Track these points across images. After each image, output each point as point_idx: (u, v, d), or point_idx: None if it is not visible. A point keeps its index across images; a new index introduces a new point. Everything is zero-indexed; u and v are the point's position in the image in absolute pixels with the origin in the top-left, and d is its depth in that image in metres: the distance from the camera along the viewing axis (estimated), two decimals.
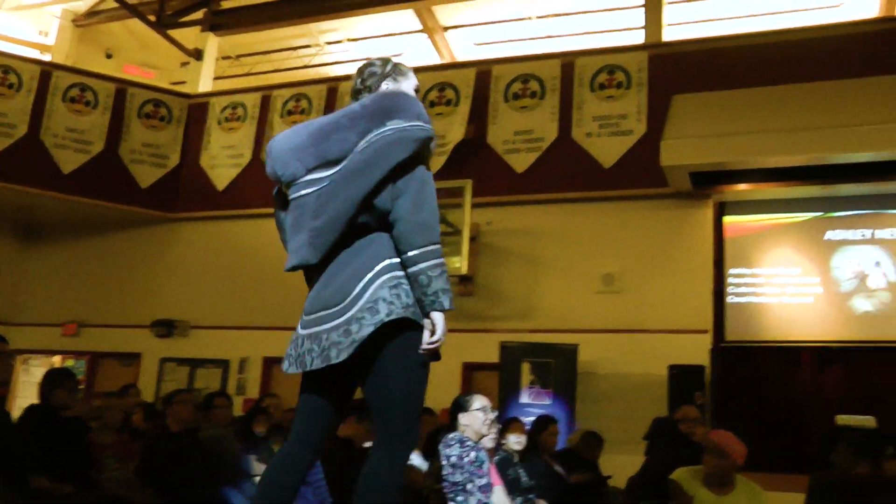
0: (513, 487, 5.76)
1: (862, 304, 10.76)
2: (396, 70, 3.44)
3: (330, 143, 3.13)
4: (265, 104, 13.67)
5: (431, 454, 6.14)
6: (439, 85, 12.42)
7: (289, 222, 3.24)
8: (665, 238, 11.13)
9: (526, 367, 10.21)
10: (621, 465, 7.70)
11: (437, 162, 11.89)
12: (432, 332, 3.02)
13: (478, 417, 5.06)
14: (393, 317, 2.97)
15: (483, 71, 12.32)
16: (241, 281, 12.92)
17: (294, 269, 3.27)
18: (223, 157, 13.61)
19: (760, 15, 13.06)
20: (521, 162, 11.63)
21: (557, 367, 10.19)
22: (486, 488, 4.73)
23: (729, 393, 10.50)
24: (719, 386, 10.45)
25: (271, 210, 11.95)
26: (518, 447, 6.49)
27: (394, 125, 3.08)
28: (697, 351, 10.50)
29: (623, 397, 10.41)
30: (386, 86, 3.36)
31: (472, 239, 11.11)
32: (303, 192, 3.16)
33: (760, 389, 10.79)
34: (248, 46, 15.91)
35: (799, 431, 10.24)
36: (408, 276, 3.03)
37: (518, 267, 11.50)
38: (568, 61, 12.03)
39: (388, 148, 3.03)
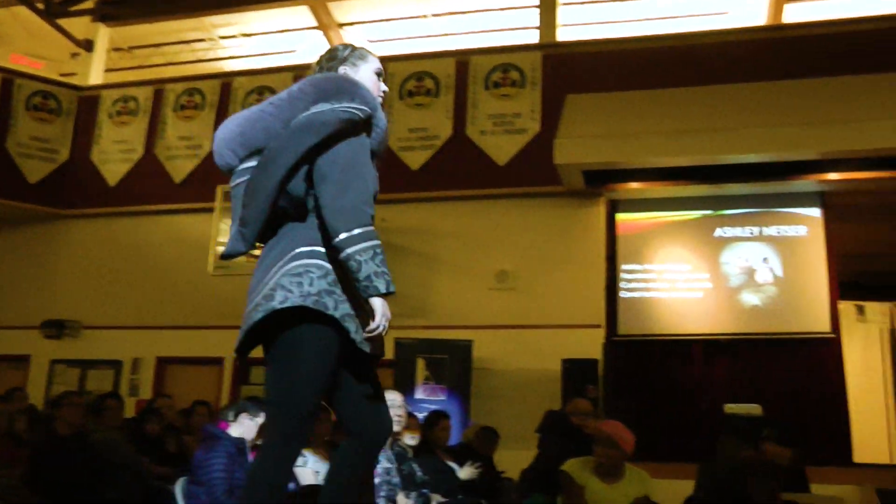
0: (407, 482, 5.79)
1: (750, 299, 11.07)
2: (356, 54, 3.37)
3: (256, 132, 3.10)
4: (158, 98, 13.43)
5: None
6: None
7: (232, 213, 3.20)
8: (558, 235, 11.28)
9: (421, 364, 10.25)
10: (517, 459, 7.77)
11: None
12: (373, 320, 2.93)
13: None
14: (287, 304, 2.88)
15: None
16: (133, 279, 12.68)
17: (226, 257, 3.23)
18: (115, 152, 13.33)
19: (652, 19, 13.32)
20: (415, 159, 11.67)
21: (452, 363, 10.25)
22: (378, 488, 4.71)
23: (621, 385, 10.69)
24: (612, 379, 10.64)
25: (164, 206, 11.77)
26: (412, 442, 6.51)
27: (317, 108, 3.03)
28: (590, 345, 10.66)
29: (517, 392, 10.52)
30: (343, 70, 3.29)
31: None
32: (237, 181, 3.15)
33: (652, 381, 11.04)
34: (141, 38, 15.58)
35: (689, 421, 10.51)
36: (341, 264, 2.94)
37: (413, 264, 11.51)
38: (463, 60, 12.12)
39: (297, 134, 2.97)
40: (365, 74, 3.31)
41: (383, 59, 11.35)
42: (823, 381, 10.72)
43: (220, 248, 11.35)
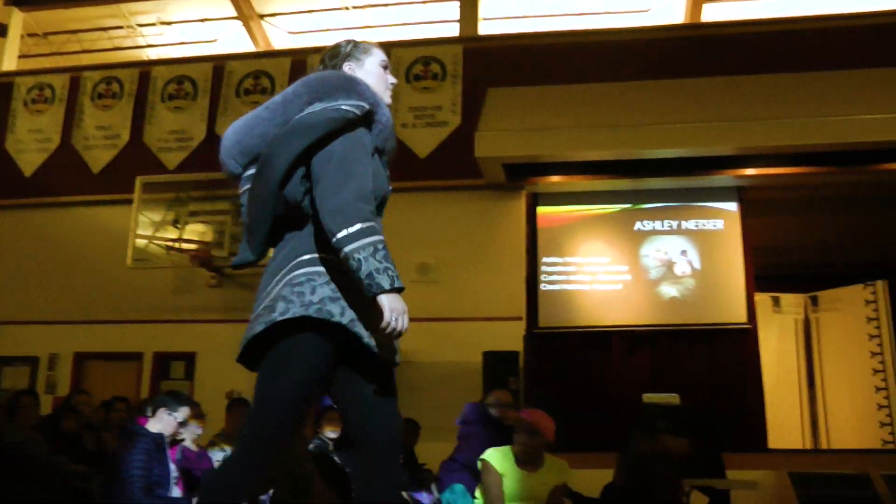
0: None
1: (668, 291, 11.26)
2: (359, 48, 3.27)
3: (252, 139, 3.03)
4: (74, 86, 13.15)
5: None
6: (254, 73, 12.29)
7: (242, 221, 3.13)
8: (479, 228, 11.32)
9: None
10: (439, 451, 7.81)
11: None
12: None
13: None
14: (288, 316, 2.81)
15: (298, 60, 12.18)
16: (50, 273, 12.38)
17: (235, 267, 3.16)
18: (30, 141, 13.02)
19: (574, 14, 13.41)
20: None
21: None
22: None
23: (542, 377, 10.79)
24: (532, 371, 10.75)
25: (82, 198, 11.54)
26: (333, 436, 6.53)
27: (311, 109, 2.95)
28: (512, 337, 10.74)
29: (439, 385, 10.54)
30: (348, 66, 3.21)
31: None
32: (242, 189, 3.09)
33: (572, 373, 11.15)
34: (56, 24, 15.18)
35: (609, 411, 10.64)
36: (342, 267, 2.84)
37: None
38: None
39: (286, 138, 2.90)
40: (370, 69, 3.24)
41: (304, 51, 11.26)
42: (740, 370, 10.96)
43: (140, 241, 11.21)
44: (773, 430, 11.04)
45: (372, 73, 3.23)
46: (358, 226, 2.75)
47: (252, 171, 3.05)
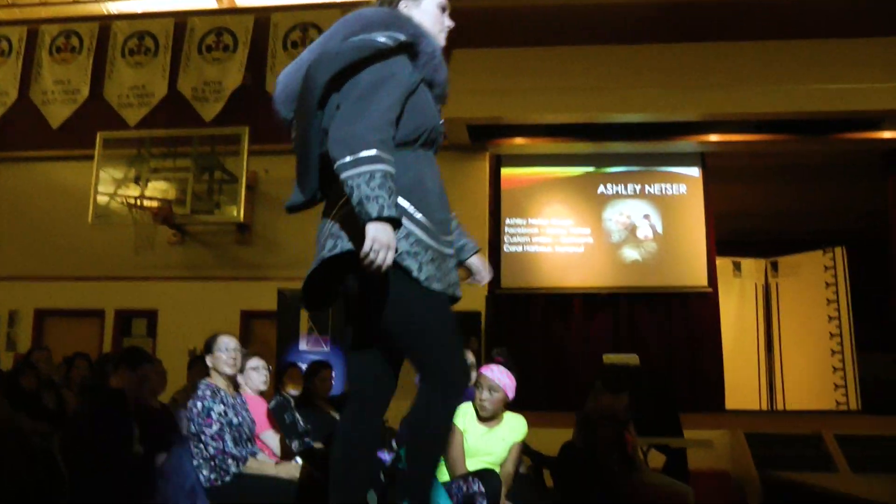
0: (290, 431, 5.81)
1: (630, 254, 11.36)
2: None
3: (297, 82, 2.98)
4: (32, 39, 12.90)
5: None
6: (217, 30, 12.13)
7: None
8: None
9: (304, 315, 10.17)
10: (398, 408, 7.83)
11: (214, 109, 11.66)
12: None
13: (220, 358, 4.96)
14: (336, 251, 2.77)
15: (261, 18, 12.10)
16: (10, 229, 12.22)
17: (289, 210, 3.16)
18: None
19: None
20: None
21: (335, 314, 10.19)
22: (220, 434, 4.66)
23: (503, 337, 10.85)
24: (494, 331, 10.81)
25: (41, 153, 11.29)
26: (295, 392, 6.55)
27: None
28: (474, 297, 10.74)
29: None
30: (405, 4, 3.12)
31: (250, 187, 11.04)
32: (293, 135, 3.06)
33: (534, 334, 11.26)
34: None
35: (569, 372, 10.77)
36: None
37: (295, 215, 11.38)
38: (349, 11, 11.98)
39: (312, 73, 2.86)
40: (427, 8, 3.17)
41: (267, 9, 11.05)
42: (700, 333, 11.14)
43: (101, 198, 11.09)
44: (730, 391, 11.23)
45: (429, 12, 3.16)
46: (360, 153, 2.66)
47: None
